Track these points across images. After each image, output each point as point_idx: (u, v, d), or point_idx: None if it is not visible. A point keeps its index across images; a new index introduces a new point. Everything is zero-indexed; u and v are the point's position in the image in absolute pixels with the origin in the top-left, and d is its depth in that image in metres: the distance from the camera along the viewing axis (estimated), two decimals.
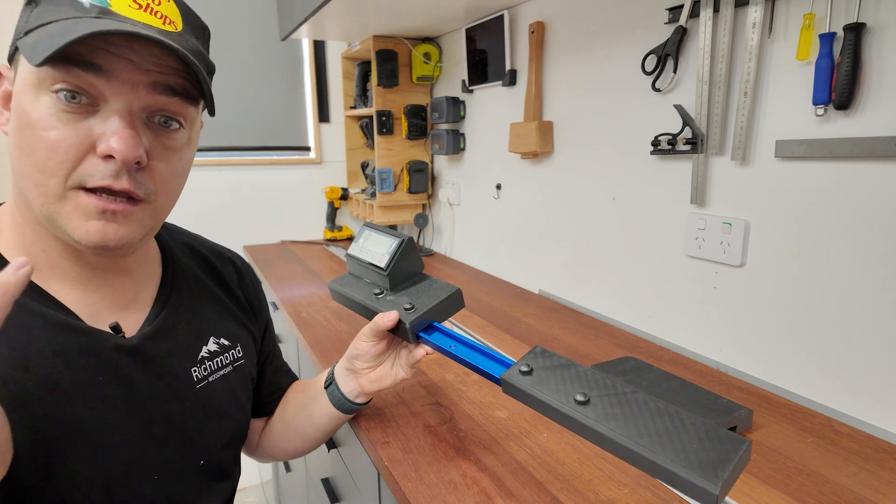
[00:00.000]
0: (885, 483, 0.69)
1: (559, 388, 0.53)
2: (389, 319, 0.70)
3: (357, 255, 0.79)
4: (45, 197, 0.49)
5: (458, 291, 0.74)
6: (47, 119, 0.47)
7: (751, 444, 0.44)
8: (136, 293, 0.61)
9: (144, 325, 0.60)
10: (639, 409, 0.49)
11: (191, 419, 0.62)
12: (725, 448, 0.44)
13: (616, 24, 1.17)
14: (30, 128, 0.47)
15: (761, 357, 0.96)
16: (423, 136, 2.02)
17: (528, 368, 0.56)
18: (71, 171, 0.48)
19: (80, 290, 0.56)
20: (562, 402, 0.52)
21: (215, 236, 0.97)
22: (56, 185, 0.48)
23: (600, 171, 1.27)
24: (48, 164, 0.48)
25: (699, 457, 0.44)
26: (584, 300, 1.37)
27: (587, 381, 0.53)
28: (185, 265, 0.69)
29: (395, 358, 0.75)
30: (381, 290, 0.76)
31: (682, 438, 0.46)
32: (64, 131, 0.47)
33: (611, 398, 0.51)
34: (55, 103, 0.47)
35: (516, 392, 0.56)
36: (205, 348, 0.66)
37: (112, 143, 0.48)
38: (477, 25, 1.64)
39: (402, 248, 0.74)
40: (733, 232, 0.97)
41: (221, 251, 0.78)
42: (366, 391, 0.75)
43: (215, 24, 2.13)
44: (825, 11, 0.79)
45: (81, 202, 0.49)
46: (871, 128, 0.77)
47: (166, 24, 0.52)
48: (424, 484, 0.68)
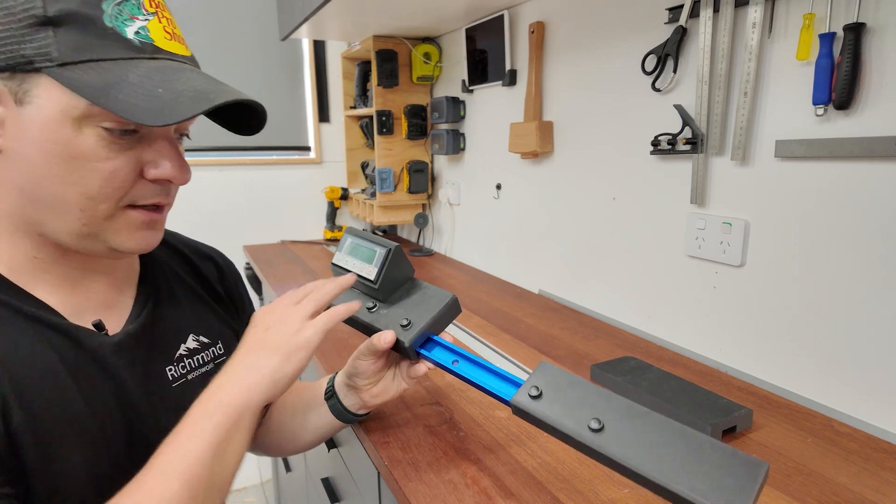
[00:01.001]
0: (885, 483, 0.69)
1: (572, 412, 0.52)
2: (386, 341, 0.68)
3: (343, 265, 0.75)
4: (93, 219, 0.51)
5: (454, 299, 0.71)
6: (100, 151, 0.49)
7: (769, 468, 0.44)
8: (118, 292, 0.62)
9: (127, 323, 0.61)
10: (655, 432, 0.48)
11: (173, 418, 0.62)
12: (745, 473, 0.43)
13: (616, 24, 1.17)
14: (79, 159, 0.49)
15: (761, 357, 0.96)
16: (423, 136, 2.02)
17: (538, 392, 0.55)
18: (124, 195, 0.52)
19: (65, 291, 0.56)
20: (576, 430, 0.51)
21: (215, 236, 0.97)
22: (108, 208, 0.52)
23: (600, 171, 1.27)
24: (103, 192, 0.50)
25: (722, 484, 0.43)
26: (584, 300, 1.37)
27: (600, 402, 0.52)
28: (164, 262, 0.69)
29: (395, 371, 0.74)
30: (374, 304, 0.73)
31: (701, 464, 0.45)
32: (119, 161, 0.50)
33: (625, 421, 0.50)
34: (104, 135, 0.49)
35: (527, 416, 0.55)
36: (183, 346, 0.66)
37: (169, 169, 0.53)
38: (477, 25, 1.64)
39: (391, 257, 0.71)
40: (733, 232, 0.97)
41: (200, 248, 0.77)
42: (368, 405, 0.75)
43: (215, 24, 2.14)
44: (825, 11, 0.79)
45: (131, 218, 0.54)
46: (871, 128, 0.77)
47: (186, 47, 0.55)
48: (424, 484, 0.68)
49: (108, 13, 0.48)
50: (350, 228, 0.78)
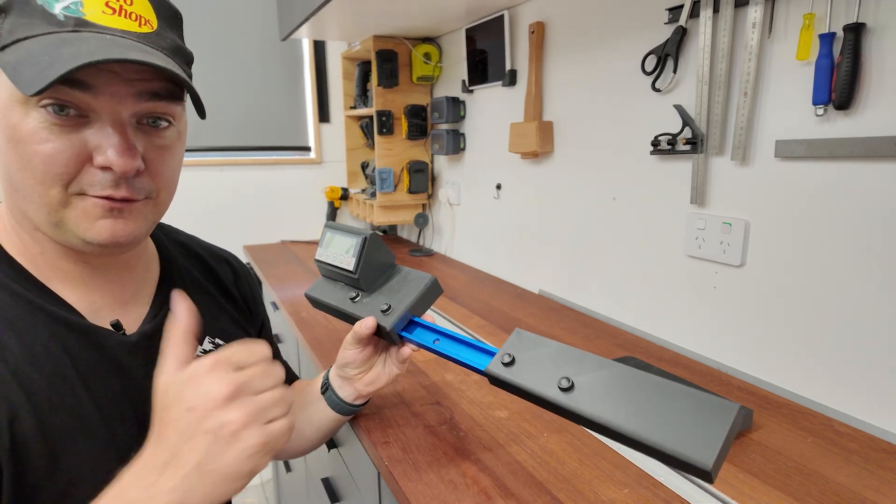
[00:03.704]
0: (885, 483, 0.69)
1: (543, 374, 0.53)
2: (367, 327, 0.69)
3: (325, 259, 0.76)
4: (50, 206, 0.50)
5: (433, 280, 0.71)
6: (40, 133, 0.47)
7: (741, 409, 0.44)
8: (135, 291, 0.62)
9: (144, 322, 0.61)
10: (626, 386, 0.48)
11: None
12: (717, 417, 0.43)
13: (616, 24, 1.17)
14: (23, 142, 0.48)
15: (761, 357, 0.96)
16: (423, 136, 2.02)
17: (511, 358, 0.55)
18: (70, 181, 0.49)
19: (80, 289, 0.57)
20: (546, 391, 0.51)
21: (215, 236, 0.97)
22: (58, 194, 0.49)
23: (600, 171, 1.27)
24: (47, 176, 0.48)
25: (692, 431, 0.43)
26: (584, 300, 1.37)
27: (571, 362, 0.53)
28: (181, 265, 0.70)
29: (385, 357, 0.75)
30: (357, 294, 0.74)
31: (672, 413, 0.45)
32: (58, 143, 0.48)
33: (595, 378, 0.50)
34: (46, 117, 0.47)
35: (501, 384, 0.56)
36: (200, 348, 0.66)
37: (110, 155, 0.49)
38: (477, 25, 1.64)
39: (367, 246, 0.71)
40: (733, 232, 0.97)
41: (217, 251, 0.78)
42: (363, 394, 0.75)
43: (216, 24, 2.14)
44: (825, 11, 0.79)
45: (87, 205, 0.50)
46: (871, 128, 0.77)
47: (142, 25, 0.51)
48: (424, 484, 0.68)
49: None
50: (328, 222, 0.78)
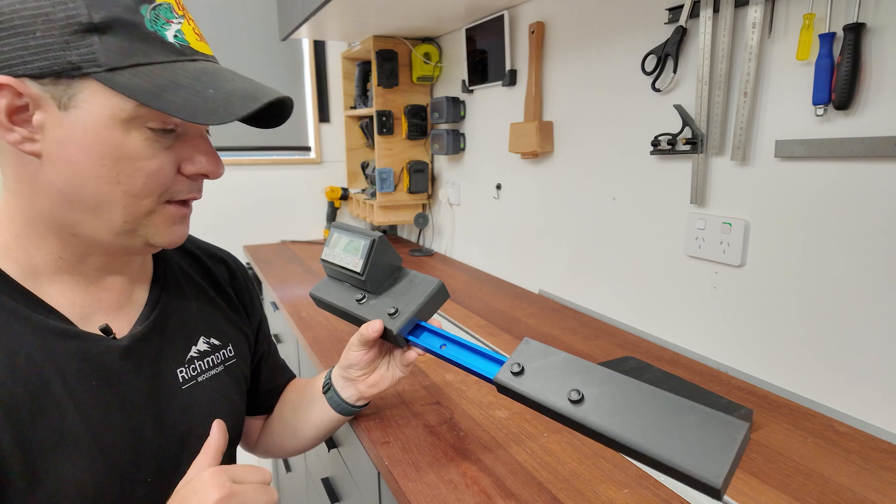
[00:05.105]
0: (885, 483, 0.69)
1: (552, 385, 0.53)
2: (374, 330, 0.69)
3: (331, 260, 0.76)
4: (135, 216, 0.53)
5: (441, 284, 0.71)
6: (146, 150, 0.51)
7: (750, 427, 0.44)
8: (130, 293, 0.62)
9: (136, 325, 0.61)
10: (635, 400, 0.49)
11: (181, 421, 0.62)
12: (725, 435, 0.43)
13: (616, 24, 1.17)
14: (127, 159, 0.51)
15: (761, 357, 0.96)
16: (423, 136, 2.02)
17: (520, 368, 0.55)
18: (165, 191, 0.54)
19: (77, 291, 0.56)
20: (556, 402, 0.51)
21: (215, 236, 0.97)
22: (150, 203, 0.54)
23: (600, 171, 1.27)
24: (146, 188, 0.53)
25: (700, 448, 0.43)
26: (584, 300, 1.37)
27: (580, 374, 0.53)
28: (176, 264, 0.70)
29: (389, 359, 0.75)
30: (363, 295, 0.74)
31: (681, 428, 0.45)
32: (162, 159, 0.53)
33: (605, 391, 0.50)
34: (150, 135, 0.51)
35: (511, 393, 0.56)
36: (194, 348, 0.66)
37: (206, 164, 0.56)
38: (477, 25, 1.64)
39: (375, 248, 0.71)
40: (733, 232, 0.97)
41: (213, 250, 0.78)
42: (365, 396, 0.75)
43: (216, 24, 2.14)
44: (825, 11, 0.79)
45: (170, 213, 0.56)
46: (871, 128, 0.77)
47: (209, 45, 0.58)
48: (424, 484, 0.68)
49: (148, 18, 0.50)
50: (336, 223, 0.78)
